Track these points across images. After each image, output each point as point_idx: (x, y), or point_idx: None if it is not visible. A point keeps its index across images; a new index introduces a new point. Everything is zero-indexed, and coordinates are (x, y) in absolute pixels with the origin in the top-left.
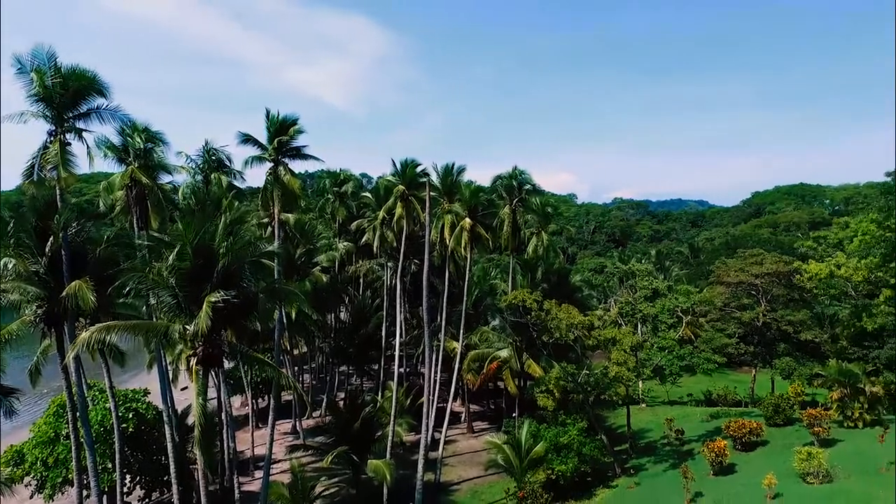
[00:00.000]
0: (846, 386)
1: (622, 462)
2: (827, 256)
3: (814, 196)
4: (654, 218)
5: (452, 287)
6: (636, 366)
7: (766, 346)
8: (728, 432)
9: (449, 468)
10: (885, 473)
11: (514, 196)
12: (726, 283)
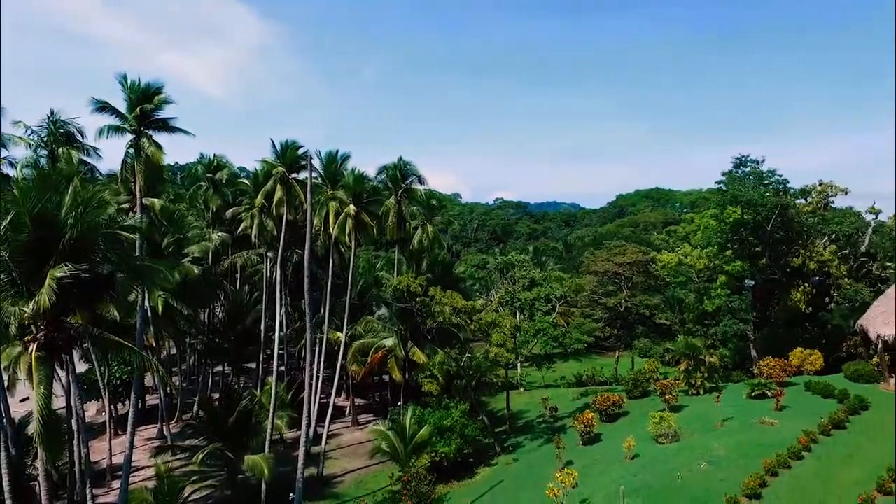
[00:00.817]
0: (691, 358)
1: (502, 442)
2: (676, 247)
3: (667, 199)
4: (532, 218)
5: (337, 279)
6: (515, 347)
7: (627, 328)
8: (595, 406)
9: (333, 461)
10: (720, 428)
11: (400, 187)
12: (594, 272)
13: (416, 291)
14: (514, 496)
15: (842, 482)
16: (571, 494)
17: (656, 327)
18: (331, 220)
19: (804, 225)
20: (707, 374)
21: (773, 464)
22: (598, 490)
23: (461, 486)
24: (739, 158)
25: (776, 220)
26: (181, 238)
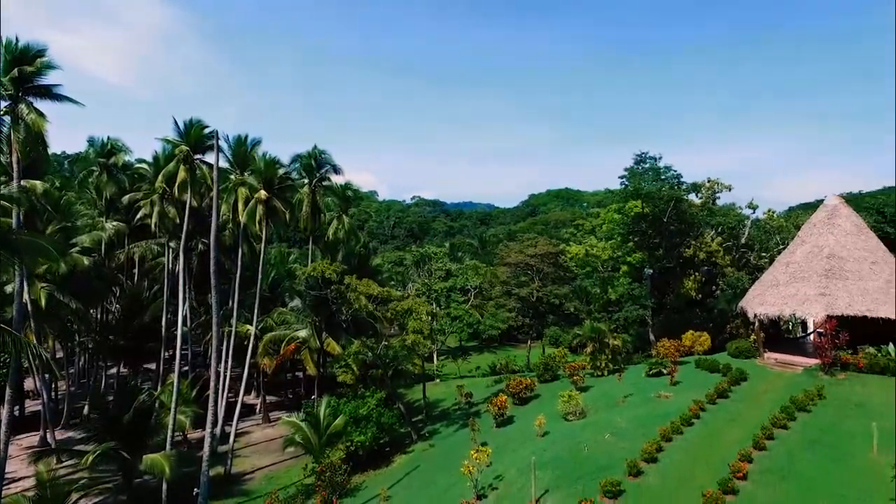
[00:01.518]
0: (597, 341)
1: (419, 430)
2: (583, 240)
3: (576, 199)
4: (448, 216)
5: (246, 270)
6: (431, 333)
7: (538, 318)
8: (508, 390)
9: (242, 459)
10: (622, 404)
11: (314, 176)
12: (508, 264)
13: (332, 278)
14: (431, 479)
15: (725, 442)
16: (486, 472)
17: (566, 316)
18: (240, 207)
19: (695, 217)
20: (611, 356)
21: (668, 430)
22: (511, 466)
23: (377, 474)
24: (640, 155)
25: (671, 213)
26: (68, 227)
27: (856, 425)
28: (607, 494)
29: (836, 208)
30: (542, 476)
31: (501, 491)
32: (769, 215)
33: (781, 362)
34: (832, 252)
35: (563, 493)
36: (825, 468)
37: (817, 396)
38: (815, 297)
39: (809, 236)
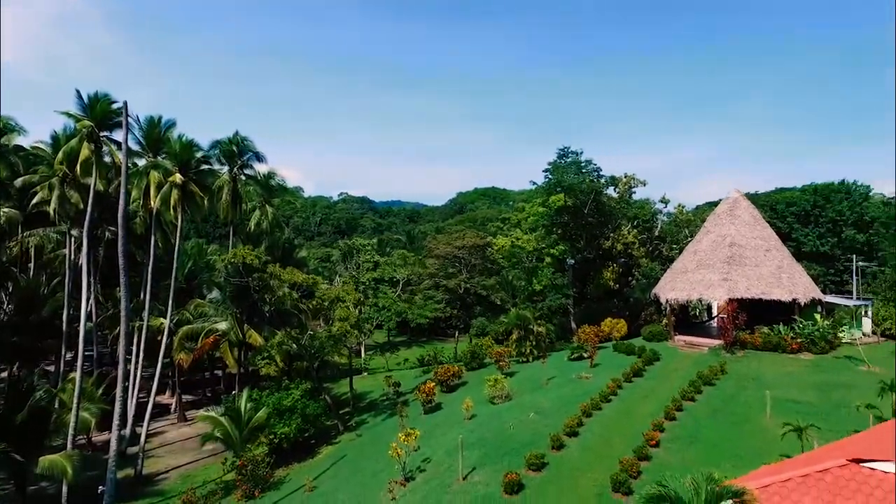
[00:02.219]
0: (522, 328)
1: (345, 421)
2: (509, 233)
3: (502, 198)
4: (377, 213)
5: (160, 262)
6: (358, 322)
7: (466, 309)
8: (436, 377)
9: (155, 460)
10: (546, 386)
11: (236, 163)
12: (437, 256)
13: (254, 265)
14: (358, 467)
15: (640, 414)
16: (414, 456)
17: (492, 307)
18: (152, 192)
19: (613, 210)
20: (535, 342)
21: (588, 407)
22: (438, 448)
23: (302, 466)
24: (563, 150)
25: (591, 205)
26: None
27: (752, 395)
28: (531, 467)
29: (736, 201)
30: (469, 455)
31: (429, 472)
32: (679, 210)
33: (689, 343)
34: (734, 241)
35: (490, 469)
36: (726, 433)
37: (720, 372)
38: (718, 282)
39: (714, 227)
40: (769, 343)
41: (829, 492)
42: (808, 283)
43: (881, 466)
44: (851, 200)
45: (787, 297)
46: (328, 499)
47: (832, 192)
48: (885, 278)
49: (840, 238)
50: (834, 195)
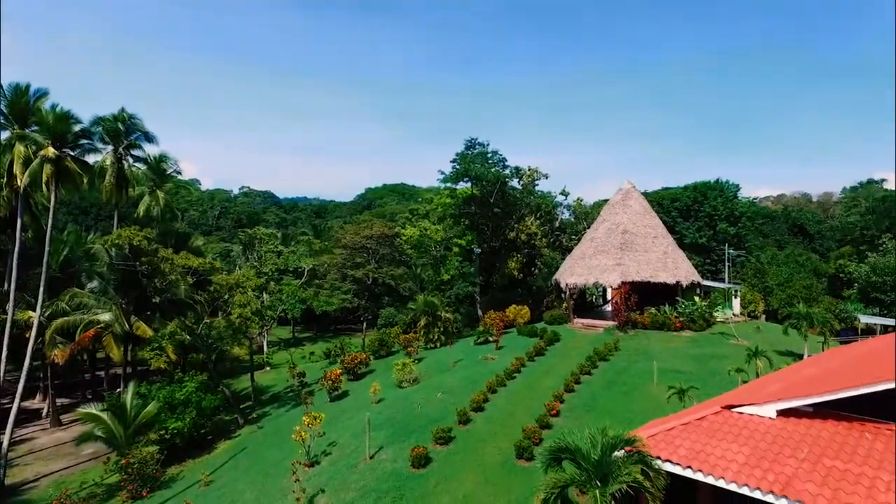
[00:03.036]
0: (430, 315)
1: (246, 415)
2: (417, 223)
3: (411, 194)
4: (281, 208)
5: (30, 249)
6: (260, 309)
7: (373, 299)
8: (343, 365)
9: (22, 468)
10: (453, 368)
11: (122, 142)
12: (344, 246)
13: (143, 248)
14: (260, 457)
15: (542, 388)
16: (319, 441)
17: (401, 297)
18: (17, 169)
19: (517, 200)
20: (443, 328)
21: (493, 383)
22: (345, 432)
23: (198, 462)
24: (470, 141)
25: (497, 195)
26: None
27: (642, 367)
28: (438, 441)
29: (629, 192)
30: (376, 436)
31: (335, 455)
32: (577, 203)
33: (587, 325)
34: (626, 228)
35: (398, 446)
36: (620, 400)
37: (614, 349)
38: (613, 266)
39: (609, 215)
40: (656, 322)
41: (706, 434)
42: (689, 268)
43: (747, 410)
44: (724, 197)
45: (671, 280)
46: (226, 491)
47: (709, 189)
48: (751, 266)
49: (715, 231)
50: (710, 192)
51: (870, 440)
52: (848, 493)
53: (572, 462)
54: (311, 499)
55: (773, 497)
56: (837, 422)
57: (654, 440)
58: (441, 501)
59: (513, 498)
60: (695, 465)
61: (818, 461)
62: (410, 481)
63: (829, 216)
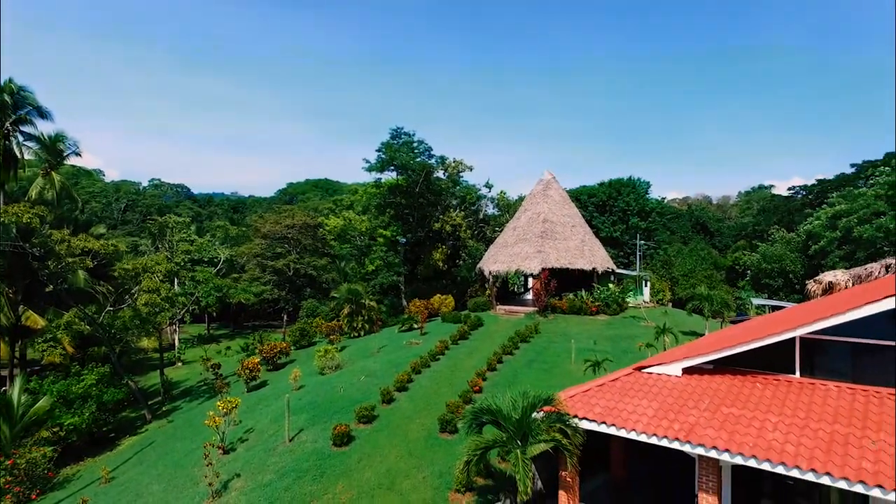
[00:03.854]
0: (353, 303)
1: (154, 411)
2: (341, 214)
3: (335, 189)
4: (195, 202)
5: None
6: (171, 295)
7: (295, 291)
8: (261, 354)
9: None
10: (377, 354)
11: (9, 116)
12: (264, 235)
13: (34, 225)
14: (169, 449)
15: (465, 367)
16: (236, 430)
17: (324, 289)
18: None
19: (443, 190)
20: (367, 317)
21: (418, 364)
22: (263, 418)
23: (98, 460)
24: (396, 130)
25: (423, 185)
26: None
27: (560, 347)
28: (361, 420)
29: (549, 182)
30: (297, 420)
31: (252, 440)
32: (501, 195)
33: (509, 311)
34: (546, 217)
35: (319, 427)
36: (540, 377)
37: (534, 331)
38: (534, 254)
39: (531, 205)
40: (574, 307)
41: (619, 392)
42: (604, 256)
43: (656, 370)
44: (636, 194)
45: (588, 267)
46: (130, 486)
47: (622, 186)
48: (659, 258)
49: (627, 225)
50: (624, 189)
51: (760, 389)
52: (742, 435)
53: (494, 425)
54: (226, 484)
55: (679, 443)
56: (733, 376)
57: (571, 401)
58: (364, 476)
59: (436, 468)
60: (608, 421)
61: (717, 409)
62: (332, 459)
63: (727, 217)
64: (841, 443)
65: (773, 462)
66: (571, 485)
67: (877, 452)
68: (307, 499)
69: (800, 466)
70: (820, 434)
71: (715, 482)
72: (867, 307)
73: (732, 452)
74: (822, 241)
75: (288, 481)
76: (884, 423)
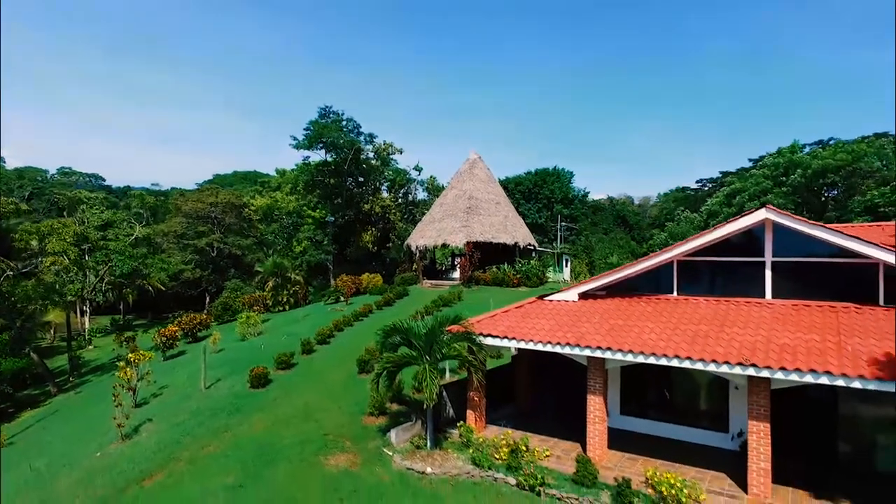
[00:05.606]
0: (279, 276)
1: (61, 386)
2: (268, 194)
3: (265, 182)
4: (111, 193)
5: None
6: (79, 258)
7: (219, 272)
8: (180, 325)
9: None
10: (302, 321)
11: None
12: (184, 213)
13: None
14: (77, 413)
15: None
16: (150, 388)
17: (249, 270)
18: None
19: (373, 169)
20: (293, 290)
21: (340, 322)
22: (179, 377)
23: None
24: (324, 108)
25: (352, 162)
26: None
27: (481, 309)
28: (280, 366)
29: (475, 161)
30: (215, 373)
31: (167, 395)
32: (431, 180)
33: (435, 284)
34: (472, 195)
35: (237, 377)
36: None
37: (458, 298)
38: (459, 228)
39: (457, 183)
40: (497, 279)
41: (522, 315)
42: (526, 232)
43: (556, 297)
44: (560, 182)
45: (510, 241)
46: (30, 449)
47: (547, 175)
48: (581, 244)
49: (552, 212)
50: (549, 178)
51: (643, 306)
52: (623, 337)
53: (407, 346)
54: (136, 428)
55: (570, 348)
56: (622, 298)
57: (479, 324)
58: (280, 410)
59: (352, 400)
60: (510, 335)
61: (605, 322)
62: (248, 398)
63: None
64: (702, 337)
65: (646, 354)
66: (478, 404)
67: (729, 341)
68: (221, 430)
69: (667, 354)
70: (687, 332)
71: (601, 384)
72: (728, 226)
73: (614, 350)
74: (720, 217)
75: (202, 418)
76: (737, 321)
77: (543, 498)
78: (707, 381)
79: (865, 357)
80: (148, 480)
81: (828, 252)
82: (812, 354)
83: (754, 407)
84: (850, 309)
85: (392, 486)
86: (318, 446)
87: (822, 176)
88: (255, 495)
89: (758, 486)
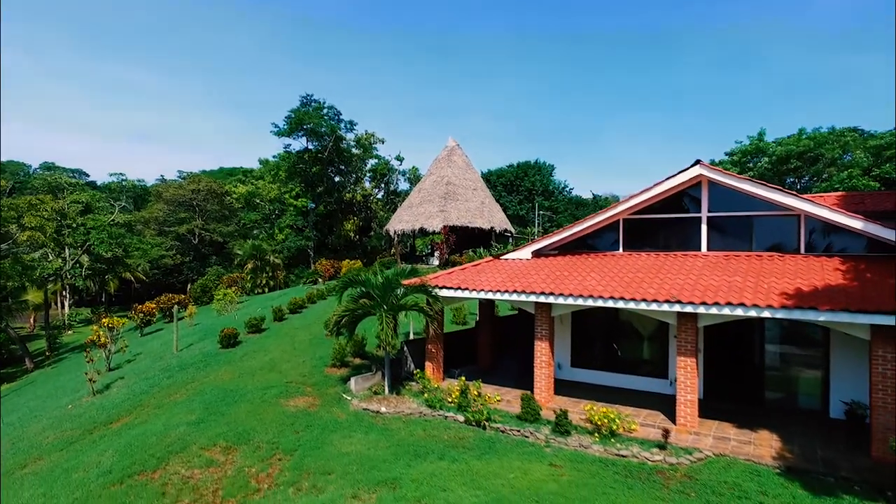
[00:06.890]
0: (258, 259)
1: (38, 363)
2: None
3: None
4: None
5: None
6: (56, 233)
7: (200, 259)
8: (158, 305)
9: None
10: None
11: None
12: (166, 200)
13: None
14: (52, 384)
15: None
16: (124, 357)
17: (230, 257)
18: None
19: (354, 157)
20: (272, 273)
21: (314, 294)
22: (154, 346)
23: None
24: (306, 97)
25: (333, 150)
26: None
27: None
28: (251, 331)
29: (453, 148)
30: (188, 340)
31: (139, 361)
32: (413, 170)
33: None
34: (450, 181)
35: (210, 341)
36: None
37: None
38: (437, 213)
39: (436, 169)
40: (472, 261)
41: (476, 271)
42: (502, 217)
43: (511, 256)
44: (541, 175)
45: (487, 226)
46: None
47: (529, 168)
48: None
49: (533, 204)
50: (530, 170)
51: (591, 261)
52: (567, 285)
53: (366, 298)
54: (108, 385)
55: (517, 294)
56: (573, 255)
57: (436, 278)
58: (246, 364)
59: (316, 355)
60: (464, 286)
61: (553, 274)
62: (218, 356)
63: None
64: (637, 282)
65: (585, 297)
66: (436, 355)
67: (661, 284)
68: (188, 382)
69: (603, 296)
70: (624, 279)
71: (548, 330)
72: (666, 182)
73: (556, 294)
74: None
75: (171, 373)
76: (672, 269)
77: (488, 431)
78: (650, 333)
79: (777, 292)
80: (115, 424)
81: (758, 208)
82: (732, 292)
83: (682, 343)
84: (774, 257)
85: (347, 422)
86: (279, 391)
87: (786, 162)
88: (215, 429)
89: (684, 416)
